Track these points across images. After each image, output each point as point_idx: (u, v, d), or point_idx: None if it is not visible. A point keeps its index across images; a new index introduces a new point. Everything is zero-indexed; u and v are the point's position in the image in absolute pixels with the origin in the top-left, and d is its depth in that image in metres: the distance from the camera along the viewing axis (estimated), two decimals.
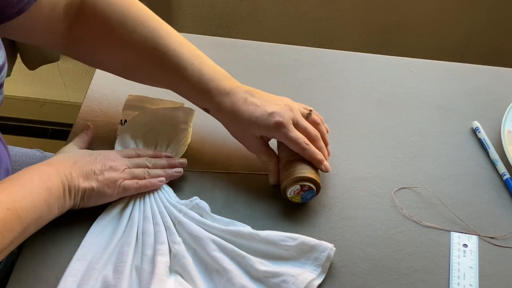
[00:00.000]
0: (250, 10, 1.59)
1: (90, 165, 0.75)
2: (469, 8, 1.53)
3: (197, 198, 0.78)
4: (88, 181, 0.74)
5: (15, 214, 0.65)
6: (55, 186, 0.71)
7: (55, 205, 0.71)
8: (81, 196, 0.74)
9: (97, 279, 0.70)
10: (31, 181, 0.70)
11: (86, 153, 0.78)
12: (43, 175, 0.71)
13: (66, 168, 0.73)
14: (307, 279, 0.70)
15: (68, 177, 0.73)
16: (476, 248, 0.77)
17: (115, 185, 0.76)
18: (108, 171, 0.75)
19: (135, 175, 0.78)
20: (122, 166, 0.77)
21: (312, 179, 0.76)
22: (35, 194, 0.69)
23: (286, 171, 0.78)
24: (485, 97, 0.96)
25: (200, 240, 0.73)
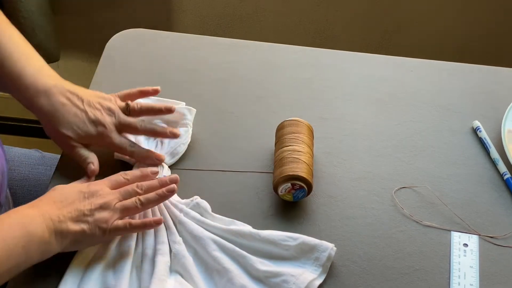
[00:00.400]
0: (250, 10, 1.59)
1: (78, 204, 0.71)
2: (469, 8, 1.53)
3: (197, 197, 0.78)
4: (78, 224, 0.69)
5: None
6: (38, 231, 0.67)
7: (36, 251, 0.67)
8: (71, 240, 0.70)
9: (97, 279, 0.70)
10: (9, 226, 0.66)
11: (73, 190, 0.73)
12: (25, 219, 0.67)
13: (53, 210, 0.69)
14: (307, 279, 0.70)
15: (55, 220, 0.68)
16: (476, 248, 0.77)
17: (107, 225, 0.71)
18: (98, 210, 0.71)
19: (127, 208, 0.73)
20: (113, 201, 0.72)
21: (304, 178, 0.76)
22: (11, 241, 0.64)
23: (279, 169, 0.78)
24: (485, 97, 0.96)
25: (200, 239, 0.73)
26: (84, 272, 0.71)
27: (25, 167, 0.98)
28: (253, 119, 0.91)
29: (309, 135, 0.83)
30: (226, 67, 0.99)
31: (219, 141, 0.87)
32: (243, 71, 0.98)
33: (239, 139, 0.88)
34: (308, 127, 0.84)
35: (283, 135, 0.82)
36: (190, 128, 0.86)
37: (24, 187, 0.95)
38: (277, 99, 0.94)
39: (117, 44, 1.01)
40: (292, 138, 0.81)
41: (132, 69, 0.97)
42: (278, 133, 0.83)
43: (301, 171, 0.77)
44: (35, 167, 0.99)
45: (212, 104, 0.92)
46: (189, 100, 0.90)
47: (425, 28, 1.59)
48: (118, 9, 1.62)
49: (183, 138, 0.84)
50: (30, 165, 0.99)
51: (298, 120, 0.83)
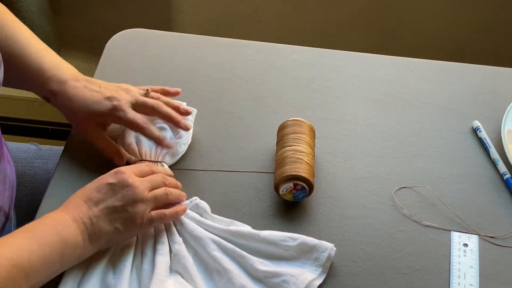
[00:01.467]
0: (250, 10, 1.59)
1: (109, 200, 0.69)
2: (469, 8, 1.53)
3: (197, 198, 0.78)
4: (111, 224, 0.69)
5: (21, 272, 0.61)
6: (72, 238, 0.66)
7: (71, 257, 0.67)
8: (106, 240, 0.70)
9: (97, 279, 0.69)
10: (43, 233, 0.65)
11: (101, 184, 0.71)
12: (58, 226, 0.66)
13: (84, 213, 0.68)
14: (307, 279, 0.70)
15: (88, 224, 0.68)
16: (476, 248, 0.77)
17: (142, 220, 0.70)
18: (131, 205, 0.69)
19: (158, 198, 0.72)
20: (145, 191, 0.71)
21: (306, 178, 0.77)
22: (47, 249, 0.64)
23: (281, 168, 0.78)
24: (485, 97, 0.96)
25: (200, 240, 0.73)
26: (84, 272, 0.70)
27: (21, 162, 0.97)
28: (253, 119, 0.91)
29: (311, 136, 0.83)
30: (226, 67, 0.99)
31: (219, 141, 0.87)
32: (243, 71, 0.98)
33: (239, 139, 0.88)
34: (311, 128, 0.84)
35: (286, 134, 0.82)
36: (191, 128, 0.86)
37: (21, 183, 0.95)
38: (277, 99, 0.94)
39: (117, 44, 1.01)
40: (295, 138, 0.81)
41: (132, 69, 0.97)
42: (280, 133, 0.83)
43: (303, 171, 0.77)
44: (30, 162, 0.98)
45: (212, 104, 0.92)
46: (189, 100, 0.90)
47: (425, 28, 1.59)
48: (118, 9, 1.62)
49: (183, 138, 0.84)
50: (26, 160, 0.98)
51: (300, 120, 0.83)
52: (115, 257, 0.72)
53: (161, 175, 0.75)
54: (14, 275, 0.61)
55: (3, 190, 0.79)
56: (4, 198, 0.79)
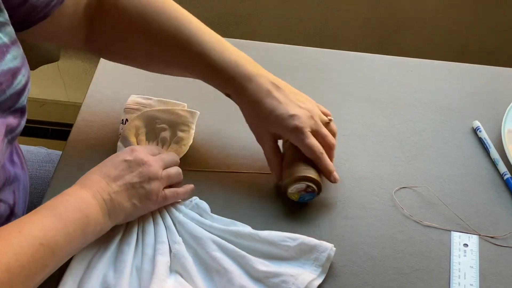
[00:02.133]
0: (250, 10, 1.59)
1: (126, 176, 0.71)
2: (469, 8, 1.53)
3: (196, 198, 0.78)
4: (129, 199, 0.71)
5: (48, 250, 0.63)
6: (93, 214, 0.68)
7: (92, 233, 0.68)
8: (124, 216, 0.71)
9: (97, 278, 0.69)
10: (66, 211, 0.66)
11: (118, 160, 0.73)
12: (80, 203, 0.68)
13: (103, 189, 0.70)
14: (307, 279, 0.70)
15: (108, 200, 0.69)
16: (476, 248, 0.77)
17: (156, 196, 0.73)
18: (147, 182, 0.72)
19: (171, 177, 0.75)
20: (159, 170, 0.74)
21: (318, 182, 0.77)
22: (71, 226, 0.65)
23: (295, 167, 0.77)
24: (485, 97, 0.96)
25: (200, 240, 0.73)
26: (84, 271, 0.70)
27: (31, 164, 0.97)
28: None
29: None
30: None
31: (219, 141, 0.87)
32: None
33: (239, 139, 0.88)
34: None
35: None
36: (193, 130, 0.86)
37: (32, 186, 0.95)
38: None
39: None
40: None
41: (132, 69, 0.96)
42: None
43: (315, 174, 0.77)
44: (42, 165, 0.98)
45: (212, 104, 0.92)
46: (189, 100, 0.90)
47: (425, 28, 1.59)
48: None
49: (184, 140, 0.84)
50: (37, 163, 0.98)
51: None
52: (115, 256, 0.72)
53: (173, 154, 0.78)
54: (41, 254, 0.62)
55: (19, 198, 0.79)
56: (19, 204, 0.79)
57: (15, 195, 0.77)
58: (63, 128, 1.79)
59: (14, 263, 0.59)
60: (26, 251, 0.61)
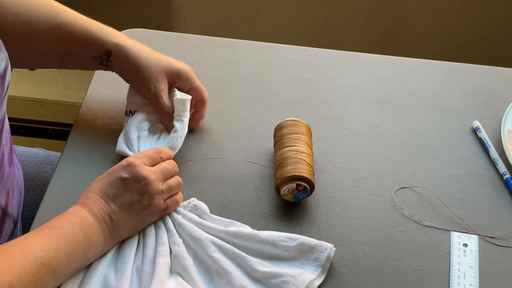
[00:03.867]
0: (250, 10, 1.59)
1: (125, 195, 0.70)
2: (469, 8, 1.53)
3: (195, 199, 0.78)
4: (130, 217, 0.70)
5: (49, 270, 0.62)
6: (95, 235, 0.68)
7: (93, 255, 0.69)
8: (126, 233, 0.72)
9: (98, 280, 0.69)
10: (69, 232, 0.66)
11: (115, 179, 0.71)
12: (84, 225, 0.67)
13: (104, 210, 0.69)
14: (307, 279, 0.70)
15: (108, 222, 0.69)
16: (476, 248, 0.77)
17: (158, 209, 0.73)
18: (147, 198, 0.71)
19: (172, 188, 0.74)
20: (159, 184, 0.72)
21: (309, 179, 0.77)
22: (73, 247, 0.65)
23: (283, 168, 0.78)
24: (485, 97, 0.96)
25: (200, 241, 0.73)
26: (85, 273, 0.70)
27: (30, 166, 0.97)
28: (253, 119, 0.91)
29: (309, 136, 0.83)
30: (226, 67, 0.99)
31: (219, 141, 0.87)
32: (243, 71, 0.98)
33: (239, 139, 0.88)
34: (308, 128, 0.84)
35: (285, 135, 0.82)
36: (186, 118, 0.84)
37: (30, 187, 0.95)
38: (277, 99, 0.94)
39: None
40: (295, 139, 0.81)
41: None
42: (278, 133, 0.83)
43: (306, 172, 0.77)
44: (40, 166, 0.98)
45: (212, 104, 0.92)
46: None
47: (425, 28, 1.59)
48: (118, 9, 1.62)
49: (179, 131, 0.83)
50: (35, 165, 0.98)
51: (298, 121, 0.83)
52: (116, 258, 0.72)
53: (171, 163, 0.76)
54: (42, 273, 0.62)
55: (13, 197, 0.79)
56: (13, 204, 0.79)
57: (8, 195, 0.77)
58: (63, 128, 1.79)
59: (16, 282, 0.59)
60: (28, 271, 0.60)
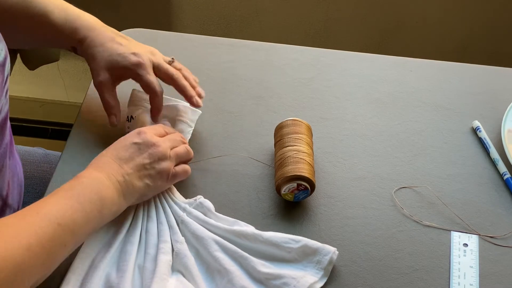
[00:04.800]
0: (250, 10, 1.59)
1: (137, 158, 0.73)
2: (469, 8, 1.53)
3: (201, 197, 0.78)
4: (142, 180, 0.73)
5: (66, 229, 0.64)
6: (109, 194, 0.69)
7: (108, 213, 0.70)
8: (138, 196, 0.74)
9: (100, 278, 0.70)
10: (82, 192, 0.68)
11: (127, 144, 0.74)
12: (96, 184, 0.69)
13: (117, 171, 0.71)
14: (308, 282, 0.70)
15: (122, 182, 0.71)
16: (476, 248, 0.77)
17: (168, 175, 0.75)
18: (157, 162, 0.74)
19: (180, 155, 0.77)
20: (167, 150, 0.76)
21: (309, 179, 0.77)
22: (88, 206, 0.67)
23: (284, 168, 0.78)
24: (485, 97, 0.96)
25: (202, 240, 0.73)
26: (87, 270, 0.71)
27: (29, 165, 0.98)
28: (253, 119, 0.91)
29: (310, 136, 0.83)
30: (226, 67, 0.99)
31: (219, 141, 0.87)
32: (243, 71, 0.98)
33: (239, 139, 0.88)
34: (309, 128, 0.84)
35: (285, 134, 0.82)
36: (191, 128, 0.86)
37: (29, 186, 0.95)
38: (277, 99, 0.94)
39: None
40: (296, 138, 0.81)
41: None
42: (278, 132, 0.83)
43: (307, 172, 0.77)
44: (39, 165, 0.98)
45: (212, 104, 0.92)
46: None
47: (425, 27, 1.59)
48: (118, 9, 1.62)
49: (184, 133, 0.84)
50: (34, 163, 0.98)
51: (299, 120, 0.83)
52: (118, 255, 0.72)
53: (179, 134, 0.80)
54: (60, 233, 0.63)
55: (13, 189, 0.79)
56: (13, 196, 0.80)
57: (8, 186, 0.78)
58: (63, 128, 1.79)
59: (34, 242, 0.60)
60: (45, 231, 0.62)
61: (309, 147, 0.81)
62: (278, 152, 0.81)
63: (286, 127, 0.82)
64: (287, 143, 0.80)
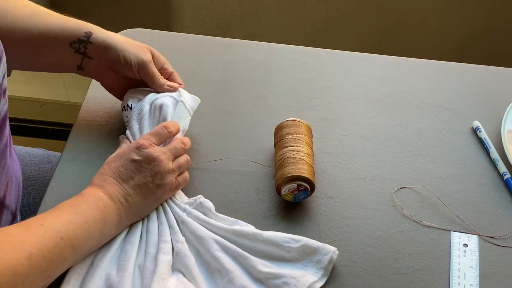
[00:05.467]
0: (250, 10, 1.59)
1: (138, 177, 0.73)
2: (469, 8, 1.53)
3: (201, 196, 0.78)
4: (144, 197, 0.73)
5: (68, 244, 0.64)
6: (110, 215, 0.70)
7: (109, 233, 0.71)
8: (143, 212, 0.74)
9: (100, 277, 0.70)
10: (86, 210, 0.68)
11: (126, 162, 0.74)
12: (100, 204, 0.70)
13: (119, 192, 0.71)
14: (308, 281, 0.70)
15: (124, 202, 0.71)
16: (476, 248, 0.77)
17: (171, 188, 0.76)
18: (159, 178, 0.74)
19: (181, 166, 0.78)
20: (169, 163, 0.75)
21: (309, 180, 0.77)
22: (90, 224, 0.67)
23: (284, 168, 0.78)
24: (485, 97, 0.96)
25: (203, 239, 0.73)
26: (87, 270, 0.71)
27: (29, 166, 0.98)
28: (253, 119, 0.91)
29: (310, 136, 0.83)
30: (226, 67, 0.99)
31: (219, 141, 0.87)
32: (243, 71, 0.98)
33: (239, 139, 0.88)
34: (308, 128, 0.84)
35: (286, 135, 0.82)
36: (190, 116, 0.84)
37: (29, 186, 0.95)
38: (277, 99, 0.94)
39: None
40: (296, 139, 0.81)
41: None
42: (278, 133, 0.83)
43: (307, 173, 0.77)
44: (40, 166, 0.98)
45: (212, 104, 0.92)
46: None
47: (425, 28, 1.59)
48: (118, 9, 1.62)
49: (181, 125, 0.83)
50: (35, 164, 0.98)
51: (299, 121, 0.83)
52: (119, 255, 0.72)
53: (179, 141, 0.79)
54: (62, 246, 0.63)
55: (11, 190, 0.79)
56: (11, 197, 0.79)
57: (7, 187, 0.78)
58: (63, 128, 1.79)
59: (36, 252, 0.61)
60: (48, 243, 0.62)
61: (309, 147, 0.81)
62: (278, 153, 0.81)
63: (286, 127, 0.82)
64: (287, 143, 0.80)
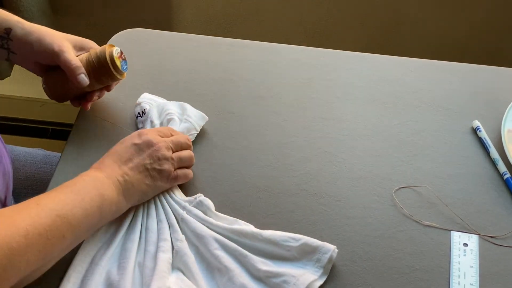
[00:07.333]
0: (250, 10, 1.59)
1: (136, 159, 0.74)
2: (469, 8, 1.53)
3: (201, 195, 0.78)
4: (142, 180, 0.74)
5: (65, 221, 0.64)
6: (108, 192, 0.70)
7: (108, 212, 0.71)
8: (138, 196, 0.74)
9: (100, 275, 0.70)
10: (83, 188, 0.69)
11: (127, 145, 0.76)
12: (97, 182, 0.70)
13: (117, 172, 0.73)
14: (308, 280, 0.70)
15: (121, 181, 0.72)
16: (476, 247, 0.77)
17: (168, 176, 0.76)
18: (157, 162, 0.75)
19: (183, 159, 0.78)
20: (169, 152, 0.77)
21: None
22: (87, 201, 0.68)
23: (95, 50, 0.85)
24: (485, 97, 0.96)
25: (202, 238, 0.73)
26: (87, 267, 0.71)
27: (29, 166, 0.98)
28: (253, 119, 0.91)
29: None
30: (226, 67, 0.99)
31: (219, 141, 0.88)
32: (243, 71, 0.98)
33: (239, 139, 0.88)
34: None
35: None
36: (196, 132, 0.86)
37: (29, 186, 0.95)
38: (277, 99, 0.94)
39: (118, 44, 1.01)
40: None
41: (132, 69, 0.97)
42: None
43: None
44: (39, 166, 0.99)
45: (213, 104, 0.92)
46: (190, 100, 0.90)
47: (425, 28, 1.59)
48: (118, 9, 1.62)
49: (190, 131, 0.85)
50: (34, 164, 0.99)
51: None
52: (119, 253, 0.72)
53: (184, 137, 0.80)
54: (58, 224, 0.64)
55: None
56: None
57: None
58: (63, 128, 1.79)
59: (32, 230, 0.61)
60: (44, 221, 0.62)
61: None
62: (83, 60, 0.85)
63: None
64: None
